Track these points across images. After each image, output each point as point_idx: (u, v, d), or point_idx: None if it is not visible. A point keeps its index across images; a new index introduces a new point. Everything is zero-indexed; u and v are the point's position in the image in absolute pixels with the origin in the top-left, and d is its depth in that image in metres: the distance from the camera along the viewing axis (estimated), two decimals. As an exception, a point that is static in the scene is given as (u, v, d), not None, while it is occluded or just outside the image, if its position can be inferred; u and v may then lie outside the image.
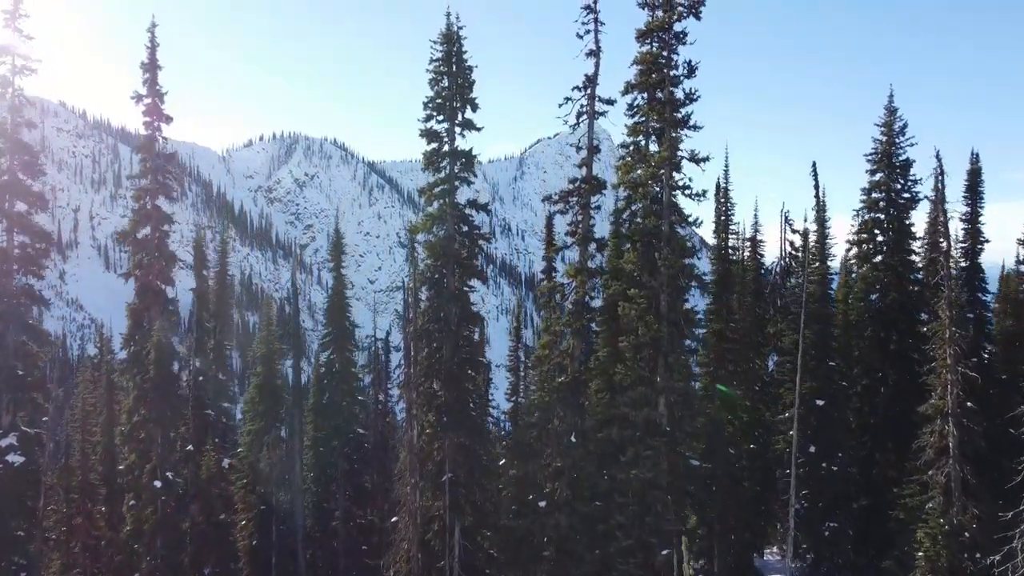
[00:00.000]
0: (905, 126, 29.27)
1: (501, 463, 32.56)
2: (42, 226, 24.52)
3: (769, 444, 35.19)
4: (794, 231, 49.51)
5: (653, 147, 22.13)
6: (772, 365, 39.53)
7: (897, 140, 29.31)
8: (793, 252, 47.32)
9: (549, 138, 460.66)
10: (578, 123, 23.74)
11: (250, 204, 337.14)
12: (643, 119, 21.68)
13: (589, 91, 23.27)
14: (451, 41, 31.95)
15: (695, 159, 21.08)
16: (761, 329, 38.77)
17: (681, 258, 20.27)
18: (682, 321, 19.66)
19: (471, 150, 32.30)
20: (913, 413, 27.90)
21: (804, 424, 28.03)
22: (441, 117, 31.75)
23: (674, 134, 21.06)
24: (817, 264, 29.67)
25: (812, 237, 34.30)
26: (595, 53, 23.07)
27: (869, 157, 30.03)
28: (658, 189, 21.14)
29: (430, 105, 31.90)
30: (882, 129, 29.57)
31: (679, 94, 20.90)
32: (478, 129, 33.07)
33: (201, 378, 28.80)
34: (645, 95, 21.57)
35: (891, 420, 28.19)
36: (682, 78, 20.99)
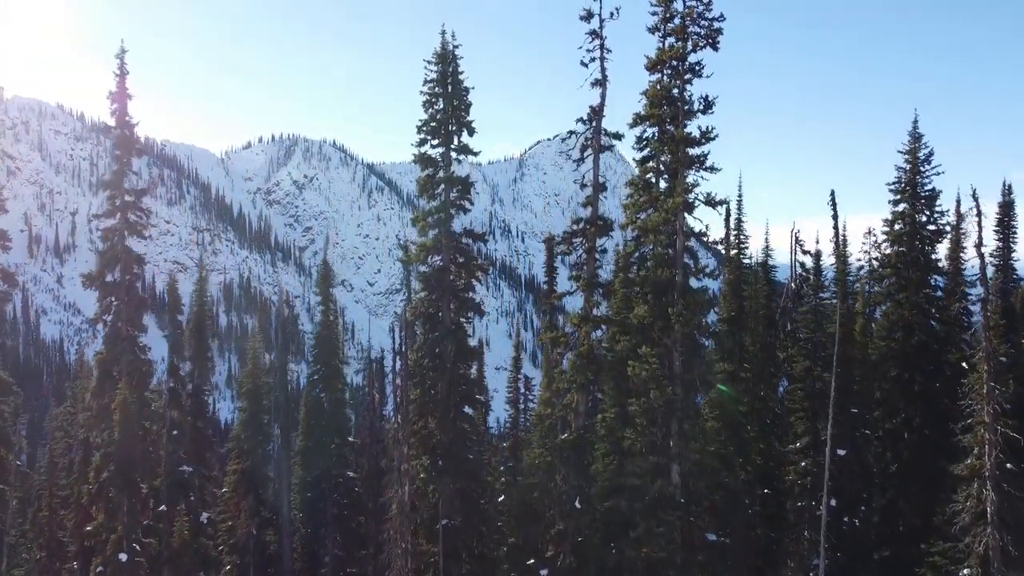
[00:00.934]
0: (931, 154, 27.39)
1: (500, 499, 30.86)
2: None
3: (781, 479, 33.56)
4: (805, 252, 47.67)
5: (664, 182, 20.30)
6: (780, 390, 38.04)
7: (922, 168, 27.47)
8: (804, 274, 45.51)
9: (549, 139, 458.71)
10: (583, 158, 21.91)
11: (249, 206, 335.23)
12: (654, 154, 19.81)
13: (595, 124, 21.45)
14: (446, 61, 30.10)
15: (711, 202, 19.26)
16: (772, 358, 37.23)
17: (697, 314, 18.44)
18: (698, 383, 17.90)
19: (468, 176, 30.55)
20: (939, 457, 26.13)
21: (823, 476, 26.21)
22: (436, 141, 29.91)
23: (688, 176, 19.25)
24: (836, 302, 27.80)
25: (828, 263, 32.64)
26: (601, 83, 21.27)
27: (892, 186, 28.20)
28: (671, 235, 19.28)
29: (424, 129, 30.07)
30: (906, 157, 27.69)
31: (693, 131, 19.11)
32: (475, 153, 31.29)
33: (176, 432, 26.88)
34: (656, 129, 19.71)
35: (916, 467, 26.42)
36: (697, 113, 19.16)
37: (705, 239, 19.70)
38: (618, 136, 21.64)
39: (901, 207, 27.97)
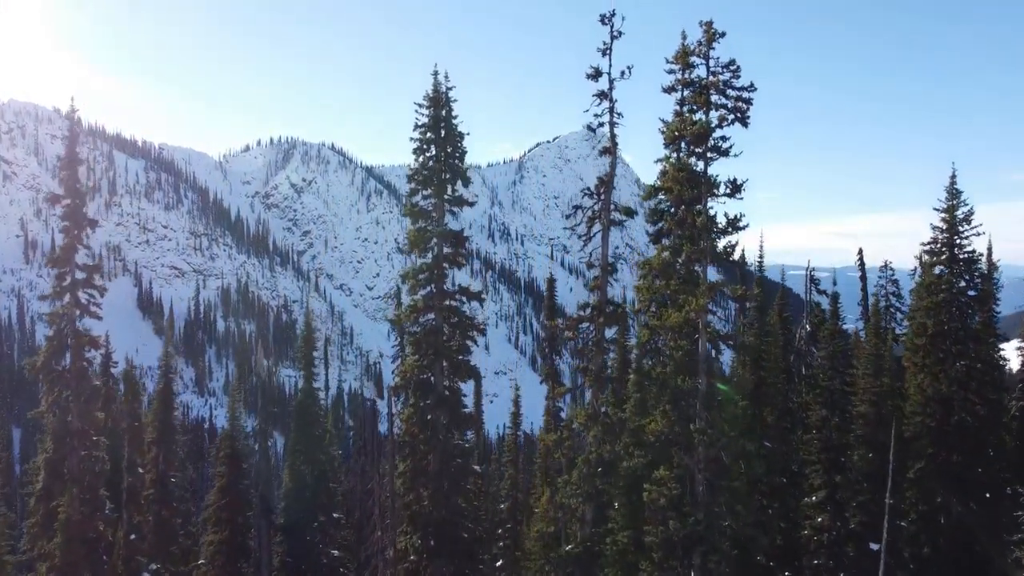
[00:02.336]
0: (971, 212, 24.91)
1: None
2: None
3: (796, 532, 31.53)
4: (820, 292, 45.56)
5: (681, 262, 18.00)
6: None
7: (960, 229, 25.05)
8: (819, 315, 43.30)
9: (548, 142, 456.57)
10: (590, 235, 19.51)
11: (247, 210, 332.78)
12: (670, 232, 17.41)
13: (603, 197, 19.08)
14: (439, 104, 27.68)
15: (738, 297, 16.80)
16: (790, 411, 35.21)
17: (725, 431, 15.94)
18: (724, 511, 15.50)
19: (462, 231, 28.21)
20: (976, 544, 23.89)
21: (855, 569, 23.92)
22: (428, 191, 27.59)
23: (713, 271, 16.89)
24: (866, 378, 25.48)
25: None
26: (610, 151, 18.92)
27: (927, 247, 25.81)
28: (692, 335, 16.83)
29: (416, 178, 27.65)
30: (943, 215, 25.22)
31: (719, 216, 16.66)
32: (471, 204, 28.95)
33: (134, 536, 24.38)
34: (672, 208, 17.29)
35: (952, 554, 24.12)
36: (724, 199, 16.75)
37: (731, 343, 17.23)
38: (630, 212, 19.28)
39: (938, 270, 25.56)
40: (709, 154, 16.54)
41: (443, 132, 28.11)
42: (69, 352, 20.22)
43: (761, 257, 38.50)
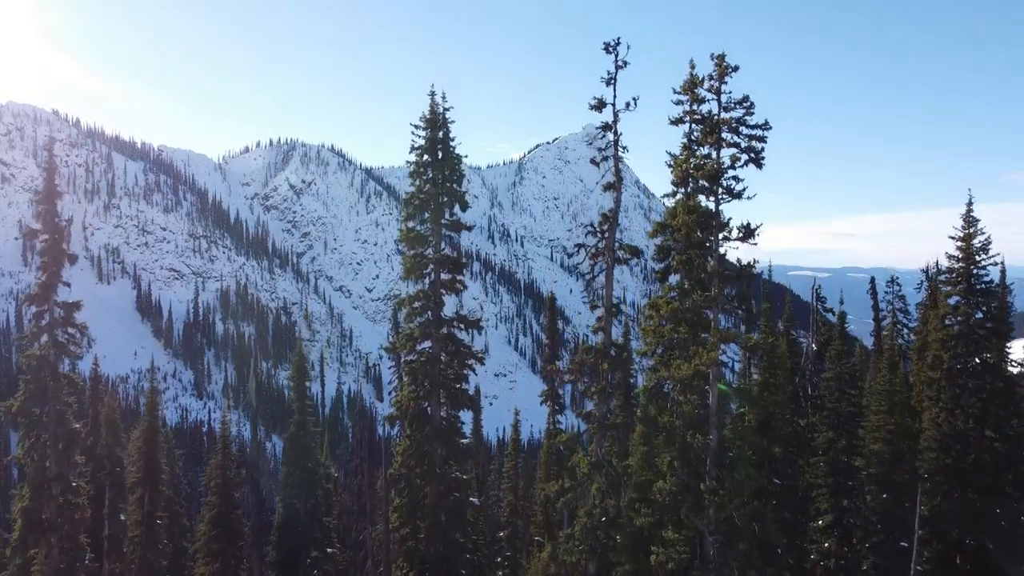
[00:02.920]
0: (989, 242, 23.93)
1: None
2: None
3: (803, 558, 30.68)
4: (827, 309, 44.73)
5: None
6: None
7: (978, 258, 24.11)
8: (825, 332, 42.61)
9: (548, 143, 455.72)
10: (594, 274, 18.59)
11: (246, 212, 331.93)
12: (678, 277, 16.52)
13: (607, 235, 18.15)
14: (435, 126, 26.81)
15: (749, 347, 15.92)
16: (796, 434, 34.39)
17: (737, 493, 14.93)
18: (736, 572, 14.60)
19: (459, 258, 27.35)
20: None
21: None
22: (425, 216, 26.76)
23: (723, 321, 15.96)
24: (880, 415, 24.57)
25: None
26: (615, 187, 18.01)
27: (945, 276, 24.88)
28: (703, 388, 15.92)
29: (412, 202, 26.77)
30: (959, 244, 24.26)
31: (729, 255, 15.79)
32: (468, 228, 28.06)
33: None
34: (681, 251, 16.37)
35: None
36: (736, 243, 15.79)
37: (742, 399, 16.33)
38: (637, 252, 18.32)
39: (954, 300, 24.61)
40: (721, 195, 15.63)
41: (440, 154, 27.27)
42: (46, 398, 19.27)
43: (769, 276, 37.58)
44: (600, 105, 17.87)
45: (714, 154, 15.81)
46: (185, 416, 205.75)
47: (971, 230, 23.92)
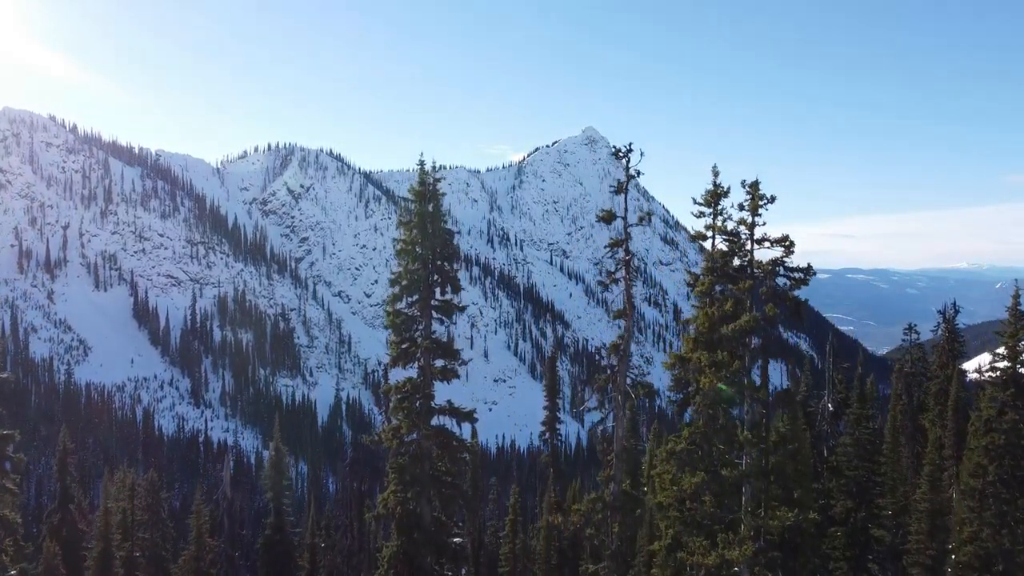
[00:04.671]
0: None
1: None
2: None
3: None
4: (843, 365, 43.28)
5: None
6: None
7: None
8: (842, 392, 41.05)
9: (547, 146, 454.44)
10: (604, 420, 16.84)
11: (244, 217, 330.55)
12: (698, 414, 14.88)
13: (619, 367, 16.49)
14: (424, 198, 25.20)
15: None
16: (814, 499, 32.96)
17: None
18: None
19: (452, 343, 25.68)
20: None
21: None
22: (414, 297, 25.11)
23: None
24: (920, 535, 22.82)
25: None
26: (626, 315, 16.35)
27: (989, 375, 23.13)
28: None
29: (400, 282, 25.21)
30: (1005, 341, 22.30)
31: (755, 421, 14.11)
32: (461, 309, 26.41)
33: None
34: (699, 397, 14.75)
35: None
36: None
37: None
38: (651, 392, 16.67)
39: (998, 403, 22.79)
40: (739, 351, 14.04)
41: (430, 228, 25.59)
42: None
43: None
44: (610, 217, 16.22)
45: (747, 300, 14.17)
46: (182, 425, 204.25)
47: (1019, 324, 21.99)
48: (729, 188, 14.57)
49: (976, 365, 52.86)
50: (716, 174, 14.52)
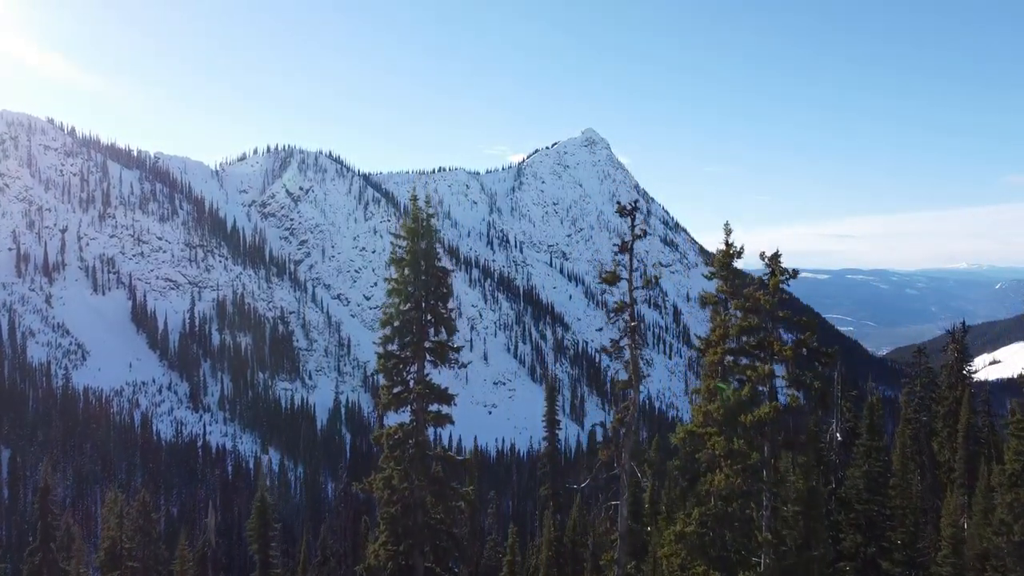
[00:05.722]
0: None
1: None
2: None
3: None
4: (851, 393, 42.46)
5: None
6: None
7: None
8: (851, 417, 40.14)
9: (547, 148, 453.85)
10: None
11: (243, 220, 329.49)
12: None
13: (624, 442, 15.36)
14: (417, 236, 24.14)
15: None
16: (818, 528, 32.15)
17: None
18: None
19: (447, 389, 24.58)
20: None
21: None
22: (407, 339, 24.03)
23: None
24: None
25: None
26: (631, 383, 15.26)
27: (1011, 427, 22.15)
28: None
29: (392, 324, 24.13)
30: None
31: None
32: (456, 350, 25.34)
33: None
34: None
35: None
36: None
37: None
38: (658, 466, 15.66)
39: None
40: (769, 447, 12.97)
41: (423, 266, 24.48)
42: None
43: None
44: (612, 279, 15.09)
45: (762, 392, 13.14)
46: (180, 430, 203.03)
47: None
48: (743, 248, 13.52)
49: (976, 365, 51.72)
50: (728, 232, 13.48)
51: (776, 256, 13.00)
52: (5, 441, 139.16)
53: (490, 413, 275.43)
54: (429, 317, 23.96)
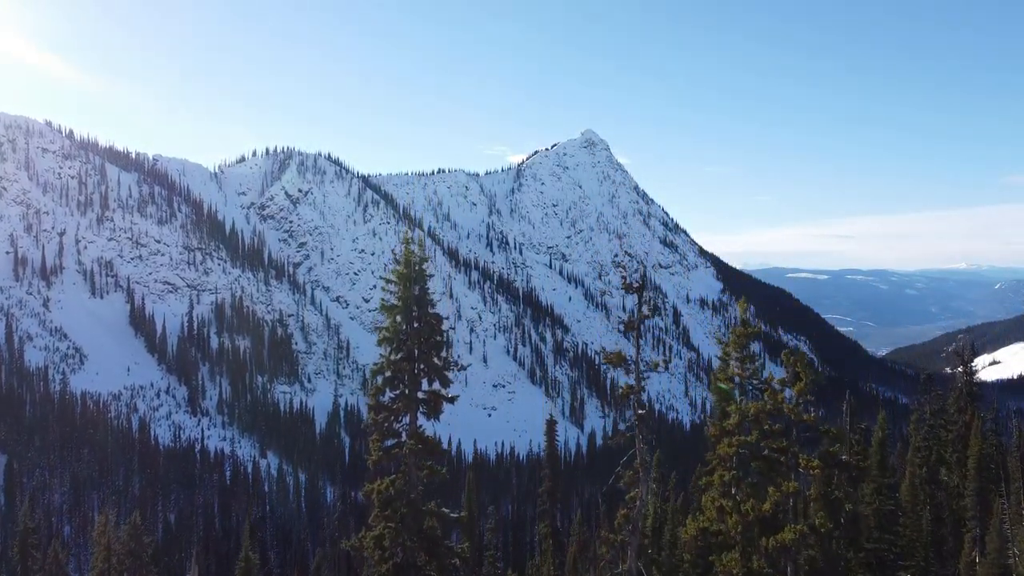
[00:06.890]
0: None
1: None
2: None
3: None
4: (859, 426, 41.42)
5: None
6: None
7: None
8: (860, 450, 39.02)
9: (546, 149, 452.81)
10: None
11: (242, 222, 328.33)
12: None
13: (630, 541, 14.35)
14: (410, 280, 23.04)
15: None
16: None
17: None
18: None
19: (438, 439, 23.51)
20: None
21: None
22: (398, 390, 22.95)
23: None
24: None
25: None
26: (640, 478, 14.19)
27: None
28: None
29: (383, 374, 23.04)
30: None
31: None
32: (451, 399, 24.21)
33: None
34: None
35: None
36: None
37: None
38: (667, 567, 14.57)
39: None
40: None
41: (415, 313, 23.37)
42: None
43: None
44: (618, 360, 14.11)
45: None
46: (178, 435, 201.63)
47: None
48: (760, 327, 12.50)
49: (976, 366, 50.53)
50: (745, 308, 12.44)
51: (805, 359, 11.94)
52: (2, 447, 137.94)
53: (489, 416, 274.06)
54: (422, 366, 22.89)
